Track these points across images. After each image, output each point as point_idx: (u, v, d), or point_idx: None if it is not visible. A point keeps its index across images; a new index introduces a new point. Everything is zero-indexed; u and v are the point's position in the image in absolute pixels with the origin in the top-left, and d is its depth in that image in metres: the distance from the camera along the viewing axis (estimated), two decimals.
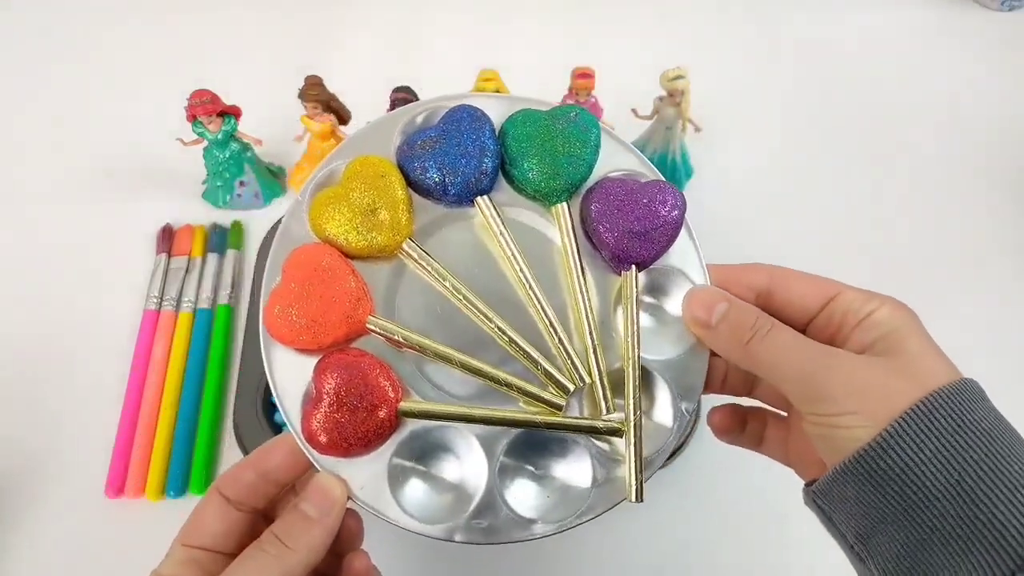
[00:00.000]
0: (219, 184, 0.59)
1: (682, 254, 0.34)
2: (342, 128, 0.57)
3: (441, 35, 0.74)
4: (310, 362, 0.31)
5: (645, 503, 0.31)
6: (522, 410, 0.32)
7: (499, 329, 0.32)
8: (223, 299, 0.56)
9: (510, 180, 0.34)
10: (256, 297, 0.54)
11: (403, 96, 0.54)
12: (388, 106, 0.55)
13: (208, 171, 0.59)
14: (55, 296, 0.57)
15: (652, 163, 0.64)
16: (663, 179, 0.35)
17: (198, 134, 0.56)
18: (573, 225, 0.34)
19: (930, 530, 0.26)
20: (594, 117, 0.35)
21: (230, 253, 0.58)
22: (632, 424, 0.32)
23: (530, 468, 0.33)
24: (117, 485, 0.48)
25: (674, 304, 0.34)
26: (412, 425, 0.31)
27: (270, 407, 0.51)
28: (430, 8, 0.76)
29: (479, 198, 0.34)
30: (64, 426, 0.51)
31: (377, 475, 0.31)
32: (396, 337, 0.31)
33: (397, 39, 0.74)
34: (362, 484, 0.31)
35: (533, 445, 0.32)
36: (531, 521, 0.31)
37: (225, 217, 0.61)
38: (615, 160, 0.35)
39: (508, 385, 0.31)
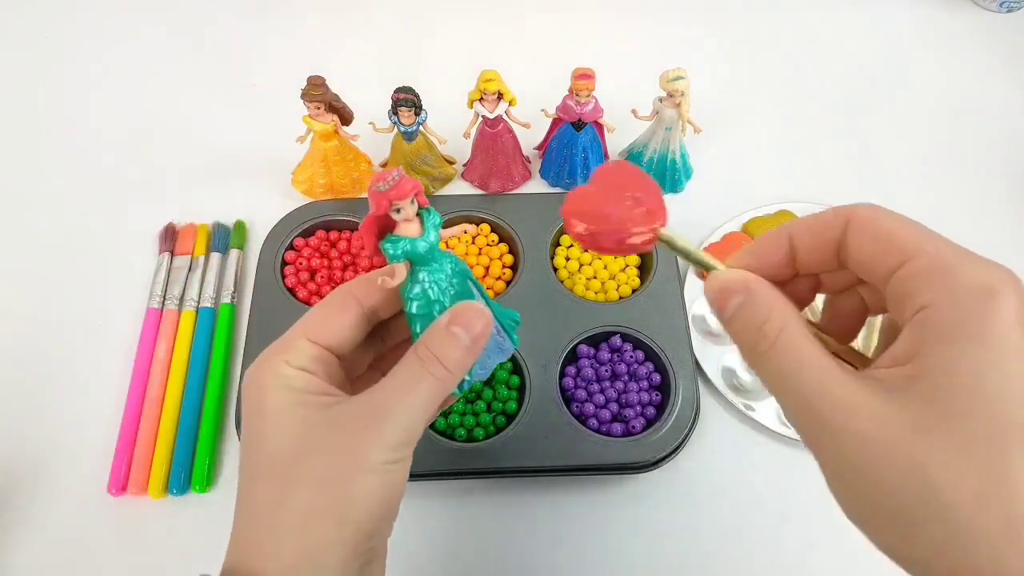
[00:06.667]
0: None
1: None
2: (345, 128, 0.58)
3: (442, 36, 0.74)
4: None
5: (644, 500, 0.37)
6: None
7: None
8: (226, 298, 0.56)
9: None
10: (260, 295, 0.55)
11: (405, 97, 0.54)
12: (390, 106, 0.55)
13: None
14: (58, 295, 0.57)
15: (652, 164, 0.65)
16: None
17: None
18: None
19: None
20: None
21: (233, 252, 0.59)
22: None
23: None
24: (120, 483, 0.49)
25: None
26: None
27: None
28: (431, 9, 0.76)
29: None
30: (67, 424, 0.52)
31: None
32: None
33: (398, 40, 0.74)
34: None
35: None
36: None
37: (227, 216, 0.61)
38: None
39: None
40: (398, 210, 0.31)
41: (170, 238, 0.59)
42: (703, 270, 0.29)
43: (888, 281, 0.24)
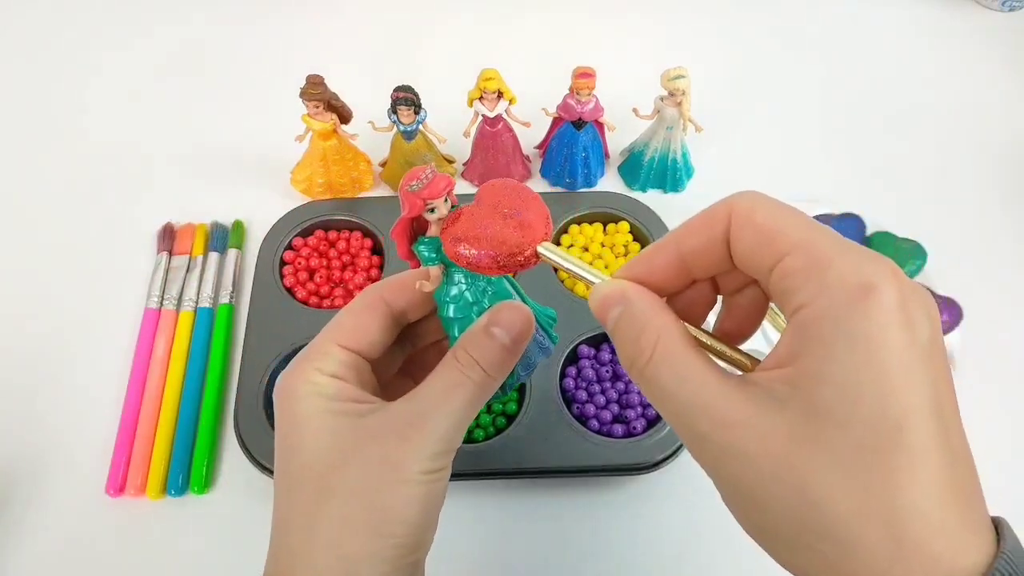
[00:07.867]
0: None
1: None
2: (344, 127, 0.57)
3: (442, 35, 0.74)
4: None
5: (645, 502, 0.40)
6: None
7: None
8: (224, 298, 0.56)
9: None
10: (258, 295, 0.54)
11: (404, 95, 0.54)
12: (389, 105, 0.55)
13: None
14: (56, 295, 0.57)
15: (653, 163, 0.64)
16: None
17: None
18: None
19: None
20: None
21: (231, 252, 0.58)
22: None
23: None
24: (118, 484, 0.48)
25: None
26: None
27: (272, 406, 0.51)
28: (431, 7, 0.76)
29: None
30: (65, 425, 0.51)
31: None
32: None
33: (398, 38, 0.73)
34: None
35: None
36: None
37: (226, 216, 0.61)
38: None
39: None
40: (432, 210, 0.29)
41: (168, 237, 0.59)
42: (588, 284, 0.27)
43: (769, 278, 0.22)
